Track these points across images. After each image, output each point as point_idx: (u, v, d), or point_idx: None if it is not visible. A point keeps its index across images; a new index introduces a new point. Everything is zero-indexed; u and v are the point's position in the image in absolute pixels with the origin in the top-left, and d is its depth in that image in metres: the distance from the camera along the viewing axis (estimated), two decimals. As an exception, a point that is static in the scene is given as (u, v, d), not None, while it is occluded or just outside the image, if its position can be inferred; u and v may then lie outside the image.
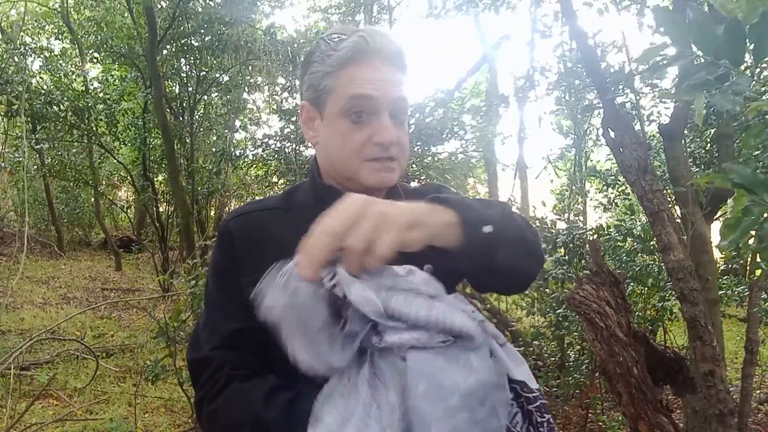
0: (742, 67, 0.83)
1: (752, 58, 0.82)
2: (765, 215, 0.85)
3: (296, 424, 0.79)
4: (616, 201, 5.89)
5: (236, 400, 0.89)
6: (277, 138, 6.40)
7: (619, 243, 4.33)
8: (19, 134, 8.58)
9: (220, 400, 0.90)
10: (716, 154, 4.01)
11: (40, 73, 9.05)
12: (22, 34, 10.18)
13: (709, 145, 4.62)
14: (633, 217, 4.53)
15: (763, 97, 3.21)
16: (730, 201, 0.89)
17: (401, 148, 0.98)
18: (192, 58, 8.93)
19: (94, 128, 9.11)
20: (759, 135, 0.91)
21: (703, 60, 0.83)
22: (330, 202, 0.93)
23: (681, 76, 0.85)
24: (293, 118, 6.04)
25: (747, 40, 0.80)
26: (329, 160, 1.02)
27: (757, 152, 2.72)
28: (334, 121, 0.97)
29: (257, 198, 1.12)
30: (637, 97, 4.20)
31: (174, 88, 9.53)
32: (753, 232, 0.88)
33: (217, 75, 9.19)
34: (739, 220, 0.86)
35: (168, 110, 8.71)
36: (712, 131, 4.23)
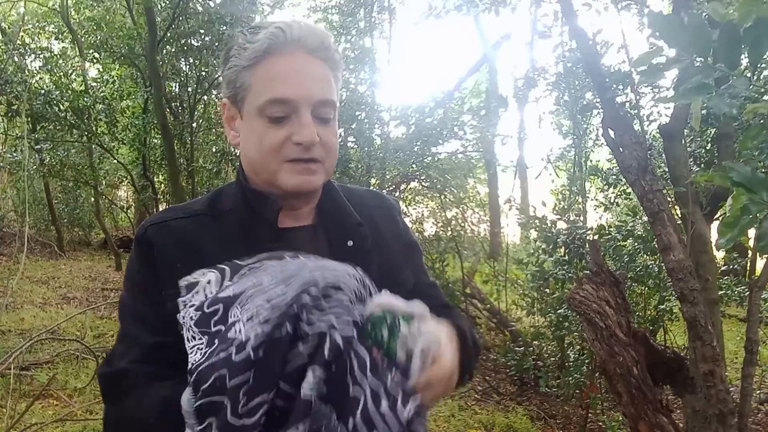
0: (740, 69, 0.84)
1: (748, 61, 0.82)
2: (763, 213, 0.85)
3: None
4: (616, 201, 5.88)
5: (145, 396, 0.84)
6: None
7: (620, 243, 4.33)
8: (19, 134, 8.58)
9: (129, 400, 0.85)
10: (716, 154, 4.01)
11: (40, 73, 9.05)
12: (22, 34, 10.18)
13: (709, 145, 4.62)
14: (635, 218, 4.53)
15: (765, 98, 3.21)
16: (729, 199, 0.89)
17: (326, 149, 0.92)
18: (192, 58, 8.92)
19: (94, 128, 9.11)
20: (757, 137, 0.91)
21: (699, 63, 0.83)
22: (257, 207, 0.93)
23: (679, 79, 0.86)
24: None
25: (742, 44, 0.80)
26: (249, 162, 0.95)
27: (756, 153, 2.72)
28: (253, 119, 0.91)
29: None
30: (637, 97, 4.20)
31: (174, 88, 9.52)
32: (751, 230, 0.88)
33: (217, 75, 9.19)
34: (737, 218, 0.86)
35: (168, 110, 8.70)
36: (713, 131, 4.22)
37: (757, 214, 0.84)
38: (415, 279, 1.07)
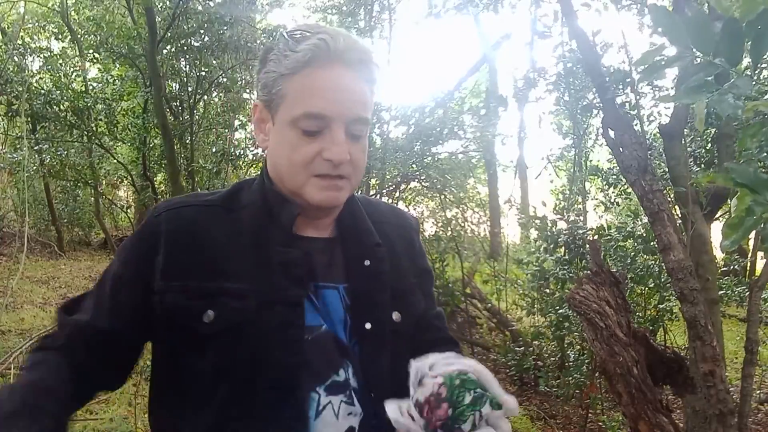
0: (742, 68, 0.83)
1: (750, 56, 0.82)
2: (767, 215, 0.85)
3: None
4: (617, 201, 5.88)
5: (36, 364, 0.89)
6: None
7: (620, 244, 4.33)
8: (19, 134, 8.58)
9: (34, 356, 0.91)
10: (716, 154, 4.01)
11: (40, 73, 9.05)
12: (22, 34, 10.18)
13: (709, 145, 4.62)
14: (636, 219, 4.53)
15: (766, 97, 3.21)
16: (733, 201, 0.89)
17: (354, 167, 0.91)
18: (192, 58, 8.92)
19: (94, 128, 9.11)
20: (756, 135, 0.91)
21: (701, 60, 0.83)
22: (276, 209, 0.93)
23: (680, 77, 0.85)
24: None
25: (745, 39, 0.79)
26: (276, 169, 0.94)
27: (756, 151, 2.72)
28: (285, 129, 0.89)
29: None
30: (637, 97, 4.20)
31: (174, 88, 9.52)
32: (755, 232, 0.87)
33: (217, 75, 9.19)
34: (741, 219, 0.85)
35: (168, 110, 8.70)
36: (713, 131, 4.22)
37: (762, 215, 0.83)
38: (424, 306, 1.06)
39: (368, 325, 0.93)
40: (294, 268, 0.90)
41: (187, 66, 9.16)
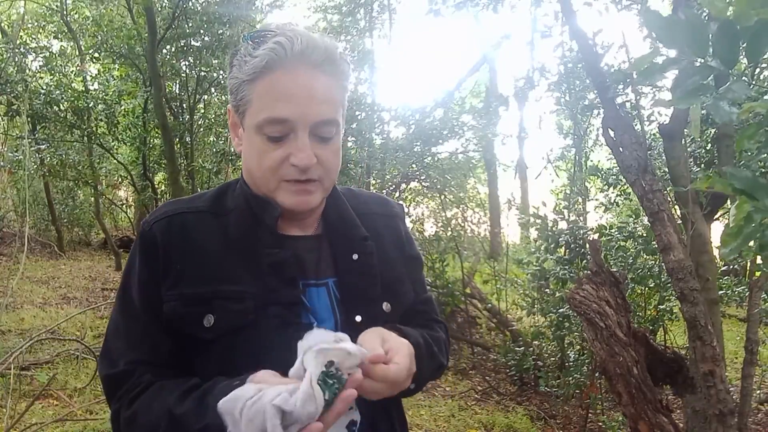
0: (741, 69, 0.83)
1: (746, 58, 0.81)
2: (767, 222, 0.84)
3: (204, 416, 0.79)
4: (617, 201, 5.89)
5: (154, 400, 0.86)
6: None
7: (621, 243, 4.33)
8: (19, 134, 8.58)
9: (138, 403, 0.87)
10: (716, 155, 4.01)
11: (39, 73, 9.05)
12: (21, 34, 10.18)
13: (709, 145, 4.62)
14: (637, 220, 4.53)
15: (765, 97, 3.21)
16: (732, 209, 0.88)
17: (325, 168, 0.90)
18: (192, 58, 8.93)
19: (94, 128, 9.11)
20: (753, 136, 0.90)
21: (697, 64, 0.82)
22: (258, 211, 0.93)
23: (676, 81, 0.84)
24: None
25: (740, 41, 0.79)
26: (250, 174, 0.94)
27: (755, 152, 2.72)
28: (252, 134, 0.89)
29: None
30: (637, 97, 4.21)
31: (174, 88, 9.52)
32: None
33: (217, 75, 9.19)
34: (740, 227, 0.84)
35: (168, 110, 8.70)
36: (713, 131, 4.23)
37: (761, 222, 0.83)
38: (413, 293, 1.07)
39: (358, 318, 0.94)
40: (285, 268, 0.91)
41: (187, 66, 9.16)
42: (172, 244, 0.91)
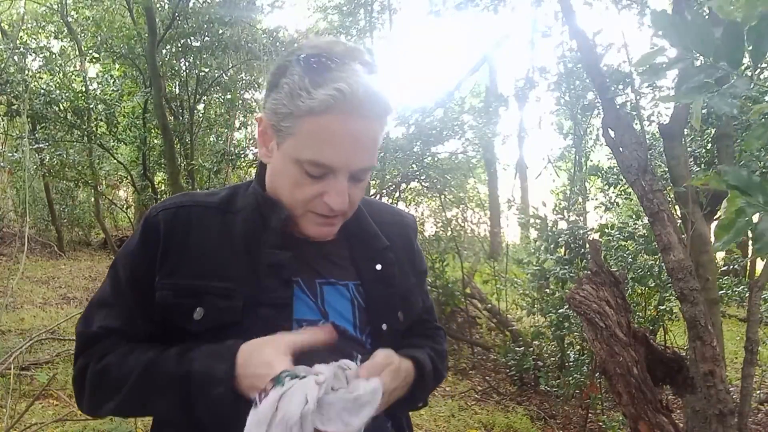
0: (741, 69, 0.84)
1: (750, 59, 0.82)
2: (758, 216, 0.85)
3: (188, 365, 0.82)
4: (617, 201, 5.89)
5: (130, 353, 0.88)
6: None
7: (621, 243, 4.34)
8: (19, 134, 8.58)
9: (111, 356, 0.89)
10: (716, 154, 4.01)
11: (39, 73, 9.05)
12: (21, 33, 10.18)
13: (709, 145, 4.62)
14: (637, 220, 4.54)
15: (766, 98, 3.21)
16: (724, 202, 0.89)
17: (352, 203, 0.92)
18: (192, 58, 8.93)
19: (94, 128, 9.11)
20: (761, 137, 0.91)
21: (701, 62, 0.83)
22: (268, 212, 0.94)
23: (680, 78, 0.85)
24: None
25: (745, 42, 0.80)
26: (275, 190, 0.94)
27: (758, 153, 2.72)
28: (290, 163, 0.88)
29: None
30: (637, 97, 4.21)
31: (174, 88, 9.53)
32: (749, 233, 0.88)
33: (217, 75, 9.20)
34: (732, 221, 0.85)
35: (168, 110, 8.71)
36: (713, 131, 4.23)
37: (753, 217, 0.84)
38: (421, 304, 1.10)
39: (384, 326, 0.97)
40: (282, 269, 0.91)
41: (187, 66, 9.16)
42: (174, 234, 0.92)
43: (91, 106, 8.73)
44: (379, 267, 0.99)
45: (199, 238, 0.92)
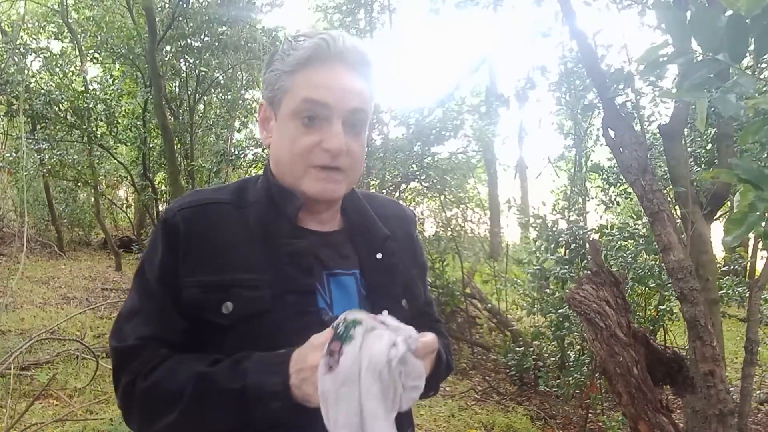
0: (744, 66, 0.83)
1: (754, 52, 0.81)
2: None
3: (242, 378, 0.82)
4: (617, 200, 5.88)
5: (179, 366, 0.87)
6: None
7: (622, 243, 4.34)
8: (19, 134, 8.58)
9: (160, 371, 0.88)
10: (716, 154, 4.01)
11: (39, 73, 9.05)
12: (22, 34, 10.18)
13: (709, 145, 4.62)
14: (638, 220, 4.53)
15: (758, 94, 3.20)
16: (735, 197, 0.88)
17: (352, 160, 0.96)
18: (192, 58, 8.93)
19: (94, 128, 9.11)
20: (757, 132, 0.91)
21: (703, 57, 0.83)
22: (280, 202, 0.97)
23: (682, 74, 0.85)
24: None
25: (750, 35, 0.79)
26: (278, 163, 0.98)
27: (756, 150, 2.72)
28: (286, 122, 0.94)
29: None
30: (637, 97, 4.20)
31: (174, 88, 9.53)
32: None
33: (217, 75, 9.19)
34: (744, 215, 0.85)
35: (168, 110, 8.71)
36: (713, 131, 4.23)
37: (765, 212, 0.83)
38: (423, 295, 1.12)
39: (385, 312, 0.97)
40: (302, 257, 0.94)
41: (187, 66, 9.16)
42: (194, 233, 0.93)
43: (91, 106, 8.73)
44: (379, 256, 1.01)
45: (219, 234, 0.94)
